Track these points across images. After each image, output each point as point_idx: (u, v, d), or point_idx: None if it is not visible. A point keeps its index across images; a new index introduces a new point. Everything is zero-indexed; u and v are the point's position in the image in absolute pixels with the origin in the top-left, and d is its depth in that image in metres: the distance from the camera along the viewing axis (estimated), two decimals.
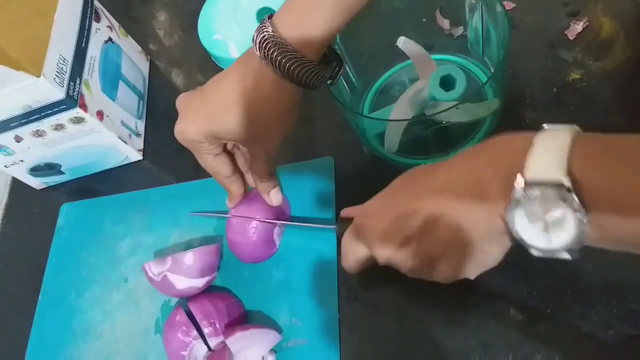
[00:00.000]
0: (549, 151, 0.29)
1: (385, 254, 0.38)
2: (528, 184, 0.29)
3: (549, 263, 0.43)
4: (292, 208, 0.53)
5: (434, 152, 0.51)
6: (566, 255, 0.30)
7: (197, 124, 0.43)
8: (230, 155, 0.48)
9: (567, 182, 0.27)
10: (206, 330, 0.46)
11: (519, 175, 0.29)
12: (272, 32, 0.39)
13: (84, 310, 0.56)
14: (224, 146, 0.47)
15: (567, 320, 0.41)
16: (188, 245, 0.55)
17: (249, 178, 0.50)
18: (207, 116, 0.43)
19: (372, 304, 0.47)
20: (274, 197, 0.49)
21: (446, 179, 0.35)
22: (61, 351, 0.54)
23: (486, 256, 0.36)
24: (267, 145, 0.44)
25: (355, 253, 0.42)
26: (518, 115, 0.51)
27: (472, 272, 0.37)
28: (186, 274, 0.49)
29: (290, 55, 0.39)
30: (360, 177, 0.54)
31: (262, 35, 0.40)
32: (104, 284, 0.57)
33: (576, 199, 0.27)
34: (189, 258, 0.49)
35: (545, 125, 0.31)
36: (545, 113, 0.50)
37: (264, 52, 0.39)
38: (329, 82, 0.45)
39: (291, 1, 0.40)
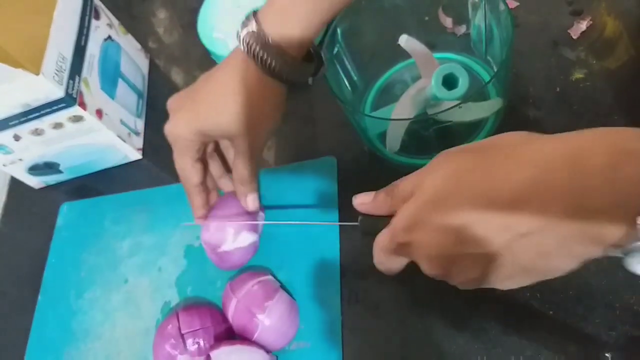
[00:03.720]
0: None
1: (441, 276, 0.33)
2: None
3: None
4: (294, 208, 0.53)
5: (437, 151, 0.50)
6: None
7: (188, 121, 0.44)
8: (204, 166, 0.48)
9: None
10: (191, 348, 0.46)
11: None
12: (257, 29, 0.41)
13: (83, 311, 0.56)
14: (204, 153, 0.48)
15: (569, 321, 0.41)
16: (189, 246, 0.55)
17: (223, 183, 0.51)
18: (197, 114, 0.44)
19: (374, 305, 0.46)
20: (251, 202, 0.48)
21: (528, 191, 0.27)
22: (61, 352, 0.54)
23: (562, 270, 0.30)
24: (253, 141, 0.45)
25: (397, 260, 0.36)
26: (521, 115, 0.51)
27: (537, 281, 0.32)
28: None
29: (273, 52, 0.40)
30: (362, 176, 0.53)
31: (245, 32, 0.41)
32: (104, 285, 0.56)
33: None
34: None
35: None
36: (548, 112, 0.50)
37: (248, 49, 0.41)
38: (310, 78, 0.46)
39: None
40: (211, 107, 0.43)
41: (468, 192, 0.30)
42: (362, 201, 0.39)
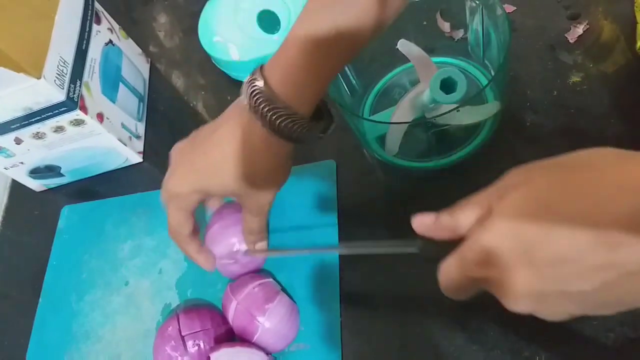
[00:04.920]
0: None
1: (528, 312, 0.29)
2: None
3: None
4: (294, 211, 0.53)
5: (435, 154, 0.51)
6: None
7: (190, 180, 0.42)
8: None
9: None
10: (191, 350, 0.46)
11: None
12: (263, 85, 0.38)
13: (84, 313, 0.56)
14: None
15: (567, 323, 0.41)
16: None
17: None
18: (200, 173, 0.42)
19: (373, 307, 0.47)
20: (259, 249, 0.48)
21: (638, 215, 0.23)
22: (61, 354, 0.54)
23: None
24: (260, 199, 0.43)
25: (469, 295, 0.32)
26: (519, 118, 0.51)
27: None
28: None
29: (280, 110, 0.37)
30: (361, 180, 0.54)
31: (252, 89, 0.38)
32: (105, 287, 0.57)
33: None
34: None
35: None
36: (545, 116, 0.50)
37: (254, 107, 0.38)
38: (320, 135, 0.43)
39: (281, 54, 0.39)
40: (215, 168, 0.41)
41: (558, 217, 0.25)
42: (423, 222, 0.34)
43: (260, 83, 0.38)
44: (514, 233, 0.27)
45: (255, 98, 0.38)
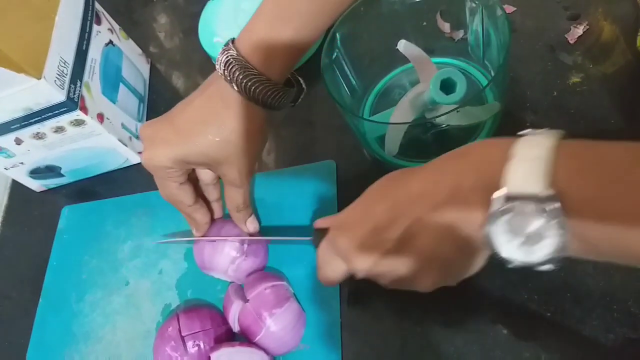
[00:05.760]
0: (527, 162, 0.28)
1: (362, 267, 0.37)
2: (508, 198, 0.28)
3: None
4: (294, 212, 0.53)
5: (435, 155, 0.51)
6: (545, 268, 0.29)
7: (167, 149, 0.43)
8: (193, 183, 0.48)
9: (546, 194, 0.27)
10: (191, 351, 0.46)
11: (498, 190, 0.28)
12: (236, 54, 0.40)
13: (84, 314, 0.56)
14: (189, 174, 0.47)
15: (567, 324, 0.41)
16: (189, 249, 0.55)
17: (216, 208, 0.51)
18: (178, 141, 0.43)
19: (372, 307, 0.47)
20: (250, 225, 0.49)
21: (425, 186, 0.34)
22: (61, 354, 0.54)
23: (468, 265, 0.36)
24: (241, 167, 0.44)
25: (332, 267, 0.41)
26: (518, 119, 0.51)
27: (453, 280, 0.38)
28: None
29: (254, 77, 0.40)
30: (361, 180, 0.53)
31: (225, 57, 0.40)
32: (105, 287, 0.57)
33: (558, 211, 0.27)
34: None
35: (525, 132, 0.30)
36: (545, 116, 0.50)
37: (229, 74, 0.40)
38: (291, 104, 0.46)
39: (252, 25, 0.42)
40: (194, 135, 0.42)
41: (384, 197, 0.37)
42: (320, 222, 0.44)
43: (233, 53, 0.40)
44: (359, 207, 0.39)
45: (229, 67, 0.40)
